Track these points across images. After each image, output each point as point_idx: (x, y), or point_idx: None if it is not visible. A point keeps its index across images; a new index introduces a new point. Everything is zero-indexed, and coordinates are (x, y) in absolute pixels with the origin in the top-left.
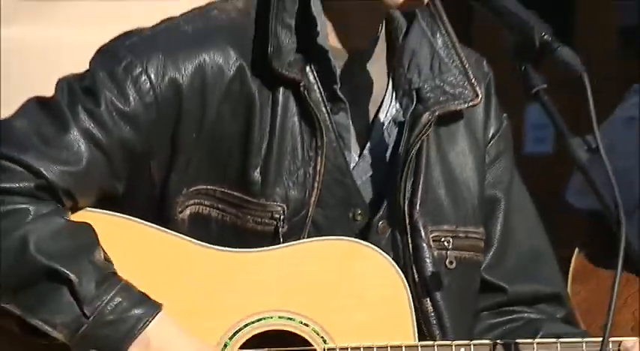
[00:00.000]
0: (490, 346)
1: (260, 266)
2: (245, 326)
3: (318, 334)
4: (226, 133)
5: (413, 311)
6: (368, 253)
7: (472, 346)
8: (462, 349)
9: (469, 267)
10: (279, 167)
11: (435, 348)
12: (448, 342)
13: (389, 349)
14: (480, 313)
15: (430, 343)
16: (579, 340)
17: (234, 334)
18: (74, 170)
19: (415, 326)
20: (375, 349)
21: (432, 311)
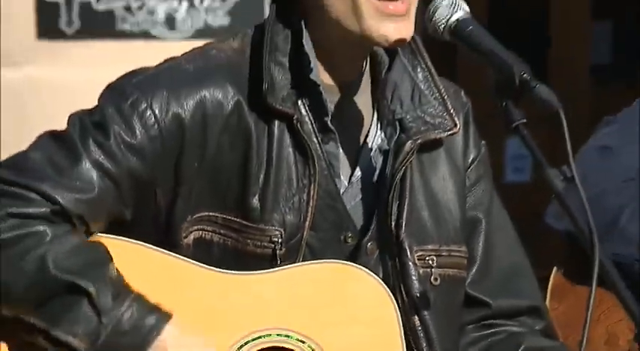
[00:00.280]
0: None
1: (259, 287)
2: (246, 343)
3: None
4: (226, 164)
5: (401, 327)
6: (359, 275)
7: None
8: None
9: (453, 283)
10: (276, 194)
11: None
12: None
13: None
14: (465, 327)
15: None
16: None
17: None
18: (86, 197)
19: (404, 342)
20: None
21: (420, 326)
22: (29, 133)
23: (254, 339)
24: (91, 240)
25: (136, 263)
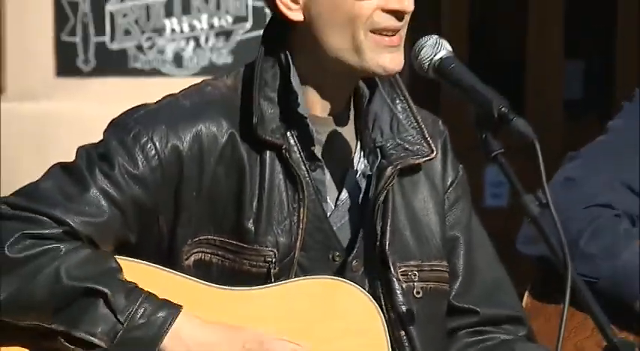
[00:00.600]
0: None
1: (256, 302)
2: None
3: None
4: (222, 191)
5: (388, 337)
6: (348, 289)
7: None
8: None
9: (435, 295)
10: (269, 218)
11: None
12: None
13: None
14: (458, 333)
15: None
16: None
17: None
18: (94, 221)
19: (389, 348)
20: None
21: (405, 336)
22: (48, 162)
23: None
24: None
25: (142, 281)
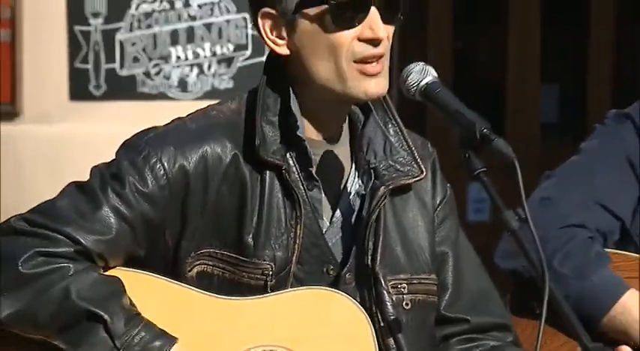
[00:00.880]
0: None
1: (254, 310)
2: None
3: None
4: (225, 208)
5: (376, 345)
6: (340, 299)
7: None
8: None
9: (423, 306)
10: (267, 234)
11: None
12: None
13: None
14: (450, 341)
15: None
16: None
17: None
18: (105, 238)
19: None
20: None
21: (394, 345)
22: (62, 182)
23: None
24: (108, 274)
25: (148, 291)
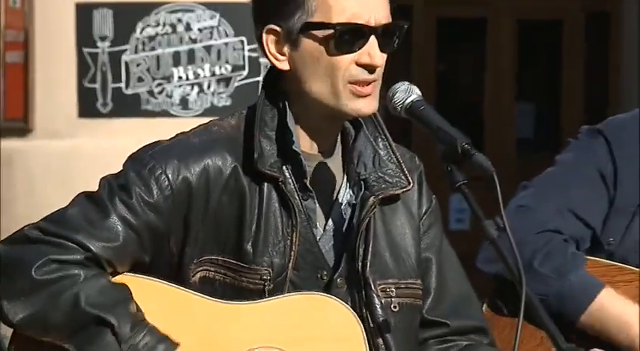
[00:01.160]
0: None
1: (252, 314)
2: None
3: None
4: (225, 217)
5: (367, 345)
6: (333, 304)
7: None
8: None
9: (409, 309)
10: (265, 241)
11: None
12: None
13: None
14: (428, 342)
15: None
16: None
17: None
18: (113, 245)
19: None
20: None
21: (383, 345)
22: (72, 193)
23: None
24: (116, 281)
25: (153, 295)
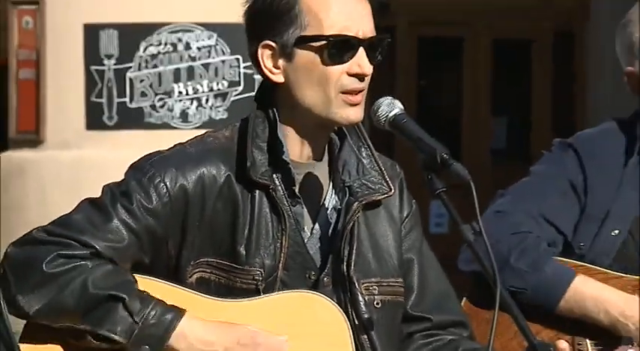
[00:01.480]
0: None
1: (246, 310)
2: None
3: None
4: (219, 222)
5: (352, 340)
6: (320, 301)
7: None
8: None
9: (391, 306)
10: (257, 244)
11: None
12: None
13: None
14: (413, 336)
15: None
16: None
17: None
18: (115, 246)
19: (353, 349)
20: None
21: (367, 340)
22: (80, 198)
23: None
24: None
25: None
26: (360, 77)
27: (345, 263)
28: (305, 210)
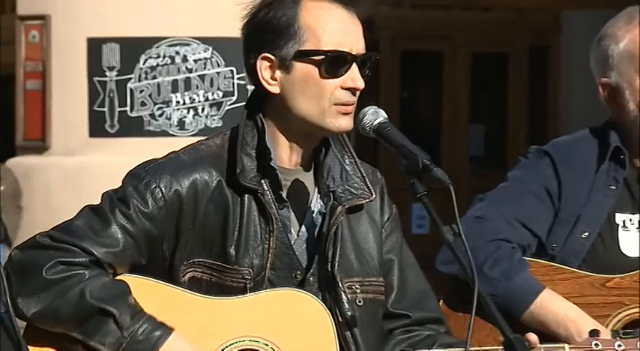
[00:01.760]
0: None
1: (235, 307)
2: (227, 346)
3: None
4: (211, 224)
5: (336, 335)
6: (306, 298)
7: None
8: None
9: (373, 304)
10: (246, 245)
11: None
12: None
13: None
14: (393, 332)
15: None
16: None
17: None
18: (114, 251)
19: (337, 344)
20: None
21: (350, 335)
22: (84, 202)
23: (233, 343)
24: (117, 278)
25: (149, 292)
26: (353, 91)
27: (330, 263)
28: (292, 213)
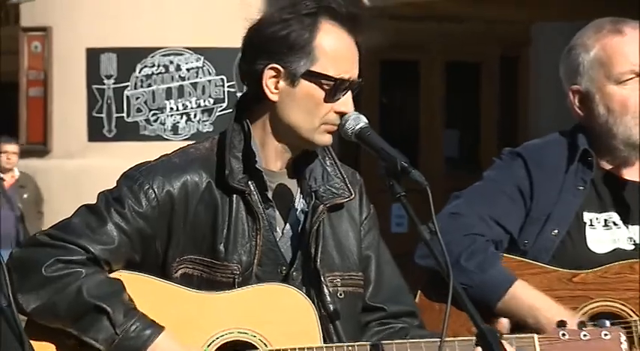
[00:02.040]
0: (368, 347)
1: (225, 302)
2: (217, 338)
3: (262, 342)
4: (201, 223)
5: (319, 326)
6: (291, 292)
7: (356, 347)
8: (351, 348)
9: (352, 297)
10: (235, 242)
11: (334, 348)
12: (344, 344)
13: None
14: (369, 324)
15: (333, 345)
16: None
17: (209, 344)
18: (109, 248)
19: (321, 334)
20: (297, 350)
21: (332, 327)
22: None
23: (222, 335)
24: (112, 276)
25: (143, 287)
26: (342, 114)
27: (313, 259)
28: (277, 212)
